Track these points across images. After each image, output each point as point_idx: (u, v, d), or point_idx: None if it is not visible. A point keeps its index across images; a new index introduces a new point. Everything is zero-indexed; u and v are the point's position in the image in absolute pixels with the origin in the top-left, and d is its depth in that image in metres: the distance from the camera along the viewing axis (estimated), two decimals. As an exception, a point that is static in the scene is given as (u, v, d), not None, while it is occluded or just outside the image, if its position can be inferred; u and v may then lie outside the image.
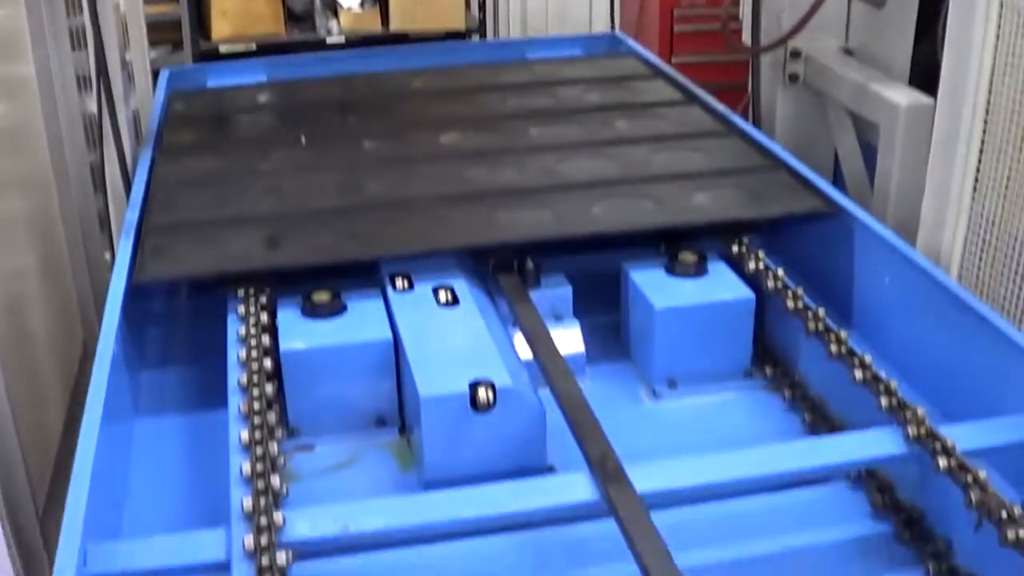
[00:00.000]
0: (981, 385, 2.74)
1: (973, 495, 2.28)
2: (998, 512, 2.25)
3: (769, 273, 3.17)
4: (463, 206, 3.45)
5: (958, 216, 3.23)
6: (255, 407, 2.61)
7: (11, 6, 4.59)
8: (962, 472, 2.34)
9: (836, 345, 2.84)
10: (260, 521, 2.21)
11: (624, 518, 2.22)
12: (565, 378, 2.72)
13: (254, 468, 2.40)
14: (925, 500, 2.61)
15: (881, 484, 2.69)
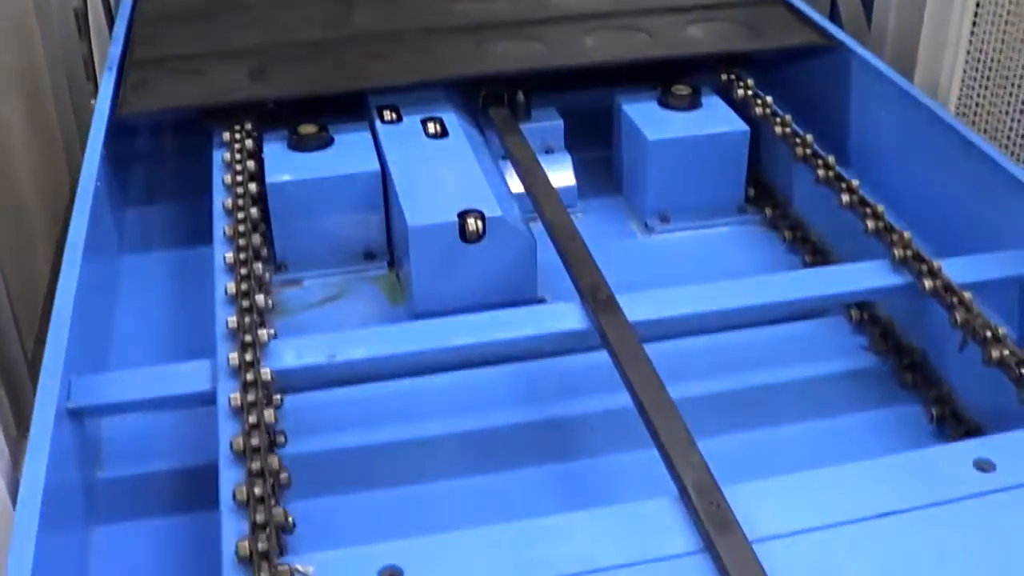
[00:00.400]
0: (977, 220, 2.70)
1: (958, 315, 2.26)
2: (982, 332, 2.23)
3: (764, 107, 3.11)
4: (453, 38, 3.37)
5: (956, 50, 3.16)
6: (240, 232, 2.57)
7: None
8: (947, 293, 2.31)
9: (824, 170, 2.79)
10: (245, 354, 2.17)
11: (615, 347, 2.18)
12: (556, 209, 2.67)
13: (239, 288, 2.37)
14: (915, 333, 2.59)
15: (875, 319, 2.66)
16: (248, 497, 1.84)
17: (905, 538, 1.75)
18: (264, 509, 1.80)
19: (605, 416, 2.38)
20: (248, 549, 1.73)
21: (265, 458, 1.92)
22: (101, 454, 2.36)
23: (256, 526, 1.78)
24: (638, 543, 1.73)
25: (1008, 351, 2.19)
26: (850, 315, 2.71)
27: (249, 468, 1.90)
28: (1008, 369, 2.18)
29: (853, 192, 2.72)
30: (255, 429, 2.00)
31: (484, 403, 2.48)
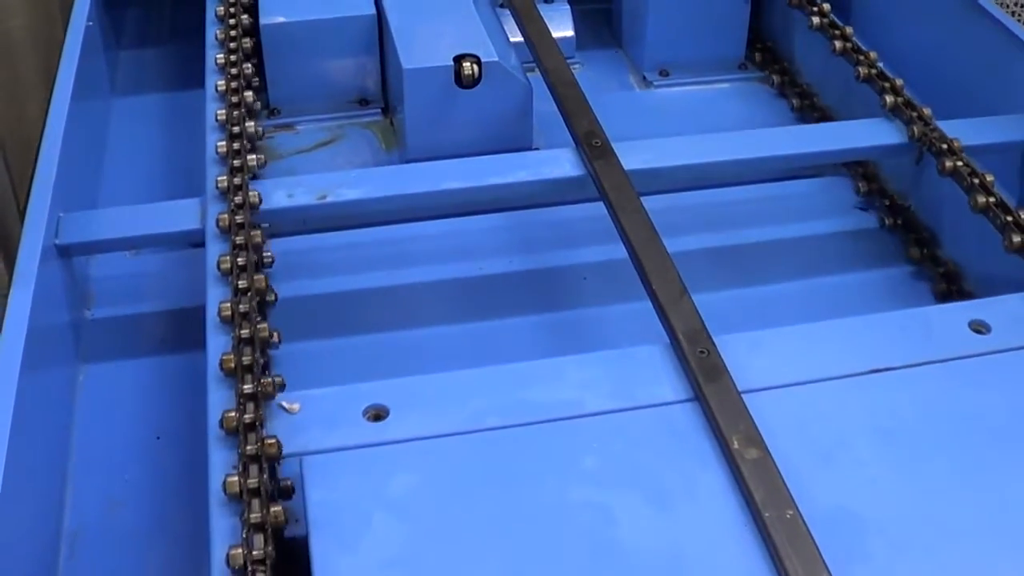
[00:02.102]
0: (981, 83, 2.65)
1: (979, 199, 2.21)
2: (969, 179, 2.21)
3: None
4: None
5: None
6: (232, 75, 2.52)
7: None
8: (969, 175, 2.25)
9: (841, 42, 2.72)
10: (235, 196, 2.13)
11: (610, 194, 2.15)
12: (554, 57, 2.62)
13: (229, 114, 2.35)
14: (913, 193, 2.56)
15: (874, 177, 2.64)
16: (232, 313, 1.84)
17: (895, 394, 1.74)
18: (248, 325, 1.80)
19: (598, 266, 2.37)
20: (233, 363, 1.73)
21: (251, 276, 1.91)
22: (90, 294, 2.34)
23: (240, 341, 1.77)
24: (626, 389, 1.72)
25: (994, 198, 2.17)
26: (848, 174, 2.67)
27: (235, 286, 1.90)
28: (993, 216, 2.15)
29: (847, 39, 2.68)
30: (242, 250, 1.99)
31: (476, 250, 2.46)
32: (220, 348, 1.79)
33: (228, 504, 1.54)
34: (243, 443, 1.58)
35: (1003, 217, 2.13)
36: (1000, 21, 2.60)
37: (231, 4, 2.80)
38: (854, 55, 2.63)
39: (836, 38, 2.70)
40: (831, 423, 1.69)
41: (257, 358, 1.74)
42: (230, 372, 1.73)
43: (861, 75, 2.57)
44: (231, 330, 1.82)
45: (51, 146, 2.27)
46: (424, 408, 1.68)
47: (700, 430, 1.64)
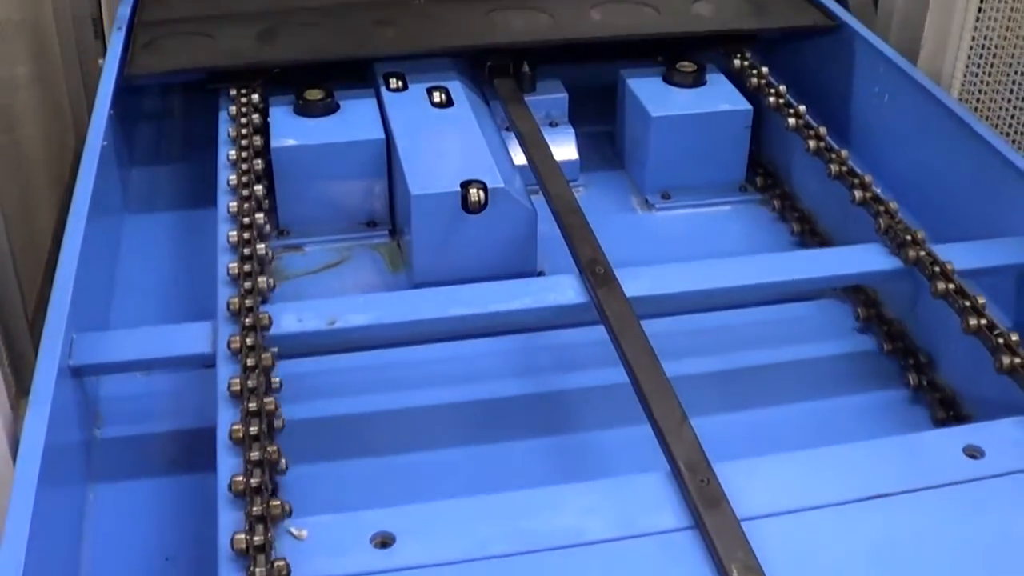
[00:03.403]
0: (977, 207, 2.71)
1: (971, 321, 2.25)
2: (960, 302, 2.26)
3: (768, 87, 3.12)
4: (461, 7, 3.38)
5: (961, 36, 3.16)
6: (243, 196, 2.59)
7: None
8: (960, 297, 2.31)
9: (837, 165, 2.79)
10: (245, 319, 2.19)
11: (612, 322, 2.21)
12: (558, 182, 2.69)
13: (240, 237, 2.41)
14: (910, 317, 2.60)
15: (872, 302, 2.68)
16: (243, 436, 1.88)
17: (893, 520, 1.77)
18: (259, 447, 1.84)
19: (600, 390, 2.40)
20: (243, 485, 1.76)
21: (261, 398, 1.96)
22: (101, 414, 2.38)
23: (251, 463, 1.81)
24: (628, 517, 1.75)
25: (985, 320, 2.21)
26: (846, 297, 2.72)
27: (245, 409, 1.95)
28: (985, 337, 2.20)
29: (843, 163, 2.75)
30: (251, 371, 2.04)
31: (481, 373, 2.50)
32: (230, 470, 1.83)
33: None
34: (252, 564, 1.61)
35: (994, 339, 2.18)
36: (992, 144, 2.66)
37: (243, 125, 2.88)
38: (849, 179, 2.69)
39: (832, 162, 2.76)
40: (829, 550, 1.72)
41: (267, 481, 1.77)
42: (240, 494, 1.76)
43: (856, 199, 2.63)
44: (242, 452, 1.86)
45: (67, 268, 2.32)
46: (429, 535, 1.71)
47: (700, 558, 1.68)
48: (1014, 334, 2.18)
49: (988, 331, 2.20)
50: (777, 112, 3.05)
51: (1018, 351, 2.15)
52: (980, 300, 2.25)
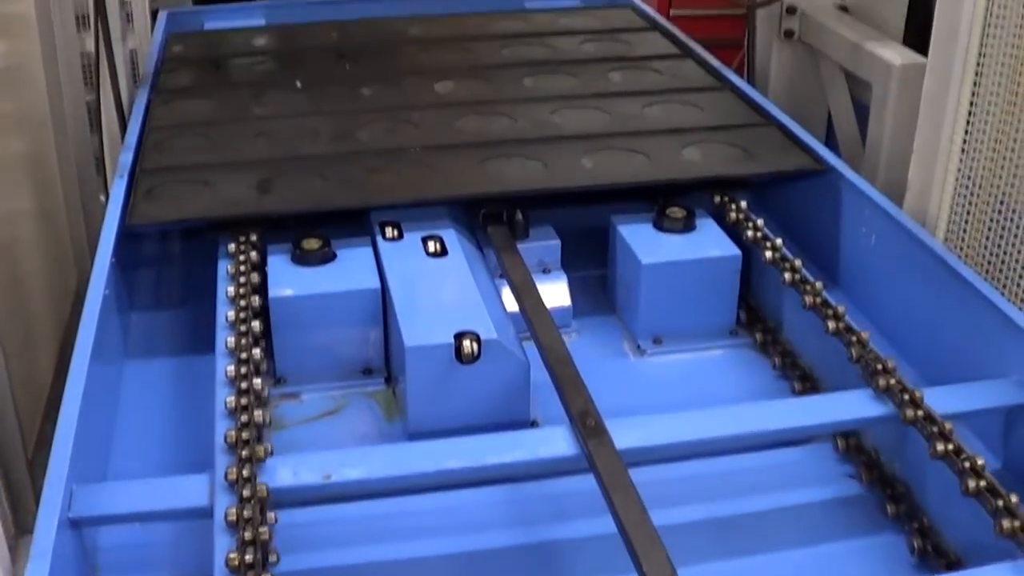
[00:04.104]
0: (963, 349, 2.76)
1: (938, 446, 2.31)
2: (960, 463, 2.29)
3: (756, 231, 3.18)
4: (454, 156, 3.46)
5: (945, 177, 3.23)
6: (241, 346, 2.64)
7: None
8: (928, 424, 2.37)
9: (811, 297, 2.86)
10: (243, 470, 2.23)
11: (603, 474, 2.25)
12: (550, 332, 2.74)
13: (238, 403, 2.44)
14: (903, 466, 2.63)
15: (861, 447, 2.72)
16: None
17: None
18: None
19: (593, 541, 2.42)
20: None
21: (257, 552, 2.01)
22: (99, 565, 2.40)
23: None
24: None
25: (985, 482, 2.24)
26: (836, 443, 2.75)
27: (241, 562, 2.00)
28: (985, 500, 2.23)
29: (839, 319, 2.78)
30: (249, 546, 2.06)
31: (473, 524, 2.52)
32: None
33: None
34: None
35: (994, 502, 2.21)
36: (976, 287, 2.73)
37: (241, 274, 2.94)
38: (847, 335, 2.73)
39: (829, 318, 2.80)
40: None
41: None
42: None
43: (853, 356, 2.66)
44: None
45: (68, 419, 2.36)
46: None
47: None
48: (1014, 495, 2.21)
49: (988, 494, 2.23)
50: (764, 255, 3.11)
51: (1018, 513, 2.18)
52: (980, 461, 2.28)
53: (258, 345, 2.68)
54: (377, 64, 4.28)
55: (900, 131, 4.03)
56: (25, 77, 4.65)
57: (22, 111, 4.59)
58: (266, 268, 3.02)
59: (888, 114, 4.20)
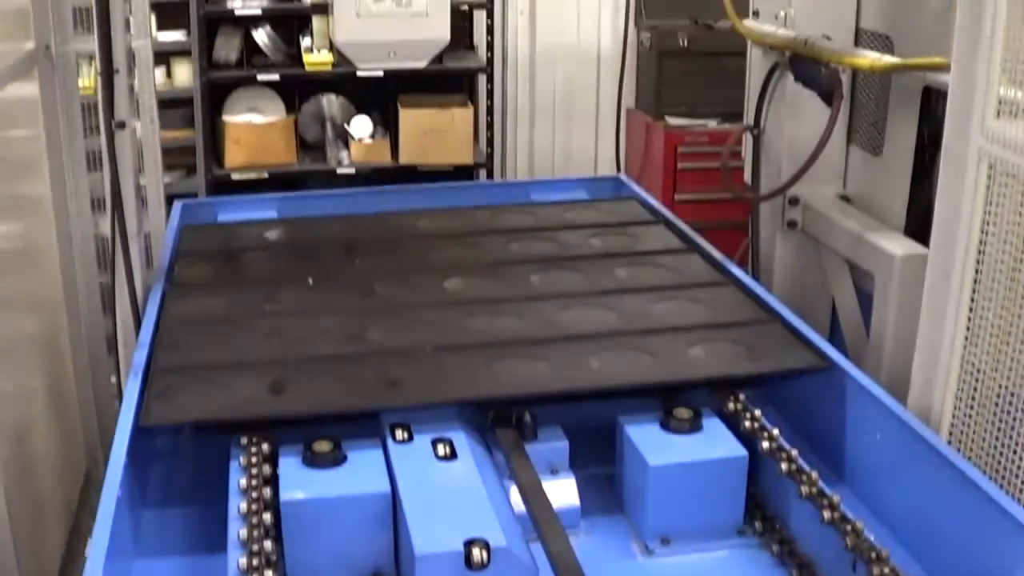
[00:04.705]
0: (968, 548, 2.79)
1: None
2: None
3: (762, 430, 3.22)
4: (463, 357, 3.52)
5: (948, 374, 3.27)
6: (254, 544, 2.67)
7: (30, 127, 4.71)
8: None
9: (829, 511, 2.88)
10: None
11: None
12: (558, 537, 2.77)
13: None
14: None
15: None
16: None
17: None
18: None
19: None
20: None
21: None
22: None
23: None
24: None
25: None
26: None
27: None
28: None
29: (835, 508, 2.84)
30: None
31: None
32: None
33: None
34: None
35: None
36: (980, 486, 2.76)
37: (252, 465, 2.98)
38: (842, 524, 2.76)
39: (824, 508, 2.84)
40: None
41: None
42: None
43: (848, 545, 2.70)
44: None
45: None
46: None
47: None
48: None
49: None
50: (771, 455, 3.15)
51: None
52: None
53: (269, 537, 2.72)
54: (387, 260, 4.37)
55: (904, 321, 4.09)
56: (40, 258, 4.75)
57: (36, 292, 4.68)
58: (278, 467, 3.06)
59: (891, 305, 4.26)
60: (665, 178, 7.91)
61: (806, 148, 4.64)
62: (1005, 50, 2.98)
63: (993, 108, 3.05)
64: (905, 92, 4.50)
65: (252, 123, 8.22)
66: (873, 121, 4.80)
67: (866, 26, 4.83)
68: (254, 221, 4.96)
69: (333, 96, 8.54)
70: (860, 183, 4.93)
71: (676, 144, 7.92)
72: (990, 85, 3.05)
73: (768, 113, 4.99)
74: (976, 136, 3.09)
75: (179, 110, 8.39)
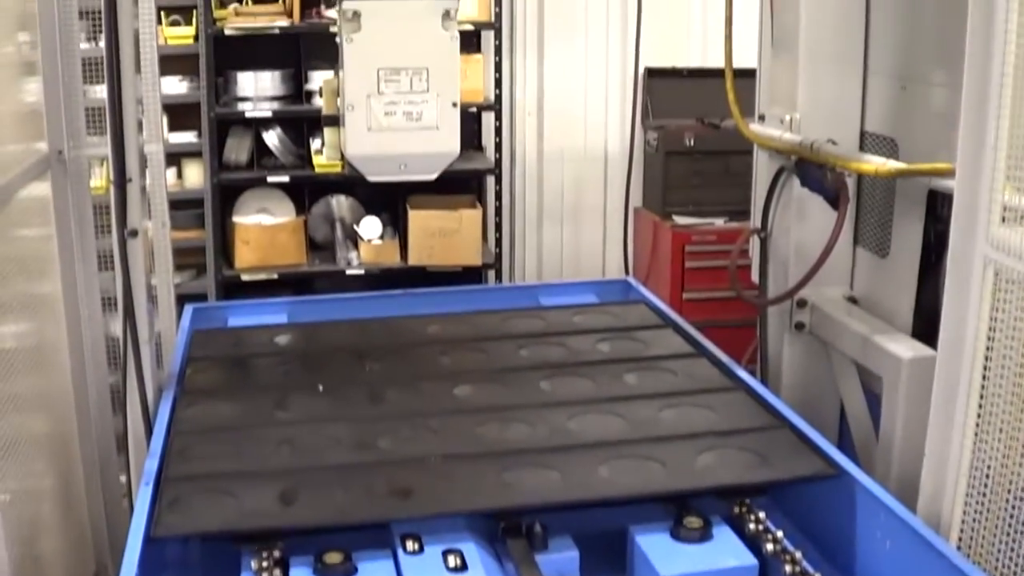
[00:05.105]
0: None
1: None
2: None
3: (772, 539, 3.22)
4: (473, 466, 3.53)
5: (958, 479, 3.27)
6: None
7: (42, 227, 4.76)
8: None
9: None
10: None
11: None
12: None
13: None
14: None
15: None
16: None
17: None
18: None
19: None
20: None
21: None
22: None
23: None
24: None
25: None
26: None
27: None
28: None
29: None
30: None
31: None
32: None
33: None
34: None
35: None
36: None
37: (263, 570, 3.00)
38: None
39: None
40: None
41: None
42: None
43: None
44: None
45: None
46: None
47: None
48: None
49: None
50: (781, 564, 3.15)
51: None
52: None
53: None
54: (397, 366, 4.39)
55: (912, 424, 4.08)
56: (50, 357, 4.78)
57: (46, 391, 4.70)
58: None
59: (899, 407, 4.26)
60: (673, 277, 7.95)
61: (813, 250, 4.67)
62: (1009, 157, 3.01)
63: (998, 215, 3.07)
64: (910, 195, 4.54)
65: (262, 224, 8.30)
66: (879, 223, 4.83)
67: (871, 129, 4.87)
68: (264, 326, 4.99)
69: (343, 197, 8.65)
70: (867, 284, 4.95)
71: (684, 243, 7.97)
72: (994, 192, 3.07)
73: (775, 216, 5.02)
74: (981, 244, 3.11)
75: (190, 211, 8.47)
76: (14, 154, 4.49)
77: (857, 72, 4.90)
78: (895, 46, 4.72)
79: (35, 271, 4.72)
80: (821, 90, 4.88)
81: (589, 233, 9.31)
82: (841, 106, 4.90)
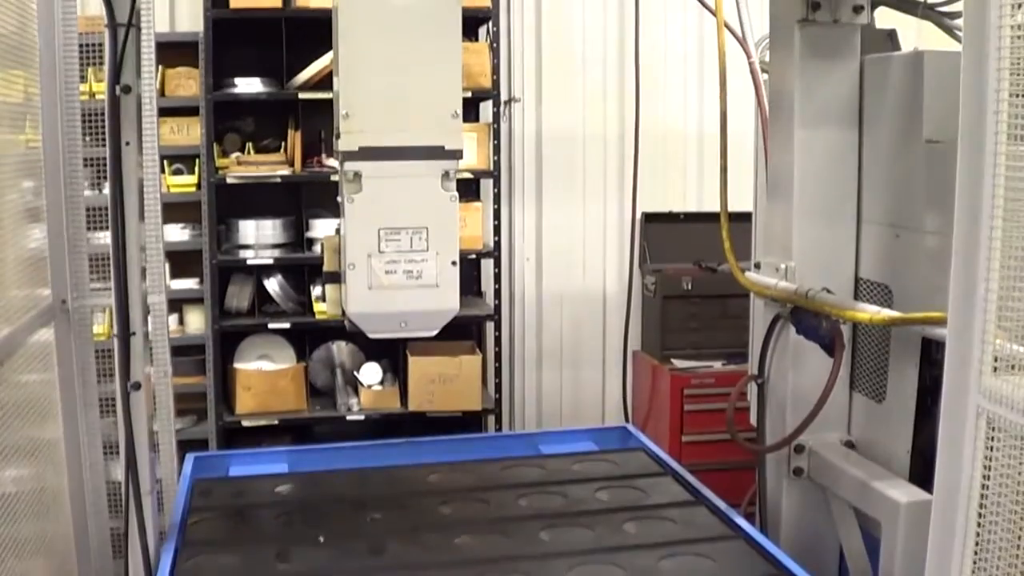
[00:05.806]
0: None
1: None
2: None
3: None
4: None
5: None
6: None
7: (44, 372, 4.79)
8: None
9: None
10: None
11: None
12: None
13: None
14: None
15: None
16: None
17: None
18: None
19: None
20: None
21: None
22: None
23: None
24: None
25: None
26: None
27: None
28: None
29: None
30: None
31: None
32: None
33: None
34: None
35: None
36: None
37: None
38: None
39: None
40: None
41: None
42: None
43: None
44: None
45: None
46: None
47: None
48: None
49: None
50: None
51: None
52: None
53: None
54: (398, 516, 4.40)
55: (910, 568, 4.09)
56: (51, 502, 4.79)
57: (47, 535, 4.70)
58: None
59: (897, 551, 4.26)
60: (672, 419, 7.97)
61: (810, 396, 4.70)
62: (1000, 308, 3.06)
63: (990, 365, 3.11)
64: (905, 342, 4.59)
65: (263, 370, 8.33)
66: (875, 369, 4.87)
67: (865, 276, 4.93)
68: (265, 475, 5.01)
69: (343, 343, 8.69)
70: (864, 429, 4.98)
71: (683, 386, 8.00)
72: (986, 344, 3.11)
73: (772, 362, 5.06)
74: (974, 394, 3.15)
75: (191, 357, 8.51)
76: (20, 301, 4.54)
77: (851, 220, 4.97)
78: (888, 194, 4.80)
79: (37, 416, 4.75)
80: (815, 238, 4.95)
81: (588, 376, 9.36)
82: (835, 254, 4.97)
